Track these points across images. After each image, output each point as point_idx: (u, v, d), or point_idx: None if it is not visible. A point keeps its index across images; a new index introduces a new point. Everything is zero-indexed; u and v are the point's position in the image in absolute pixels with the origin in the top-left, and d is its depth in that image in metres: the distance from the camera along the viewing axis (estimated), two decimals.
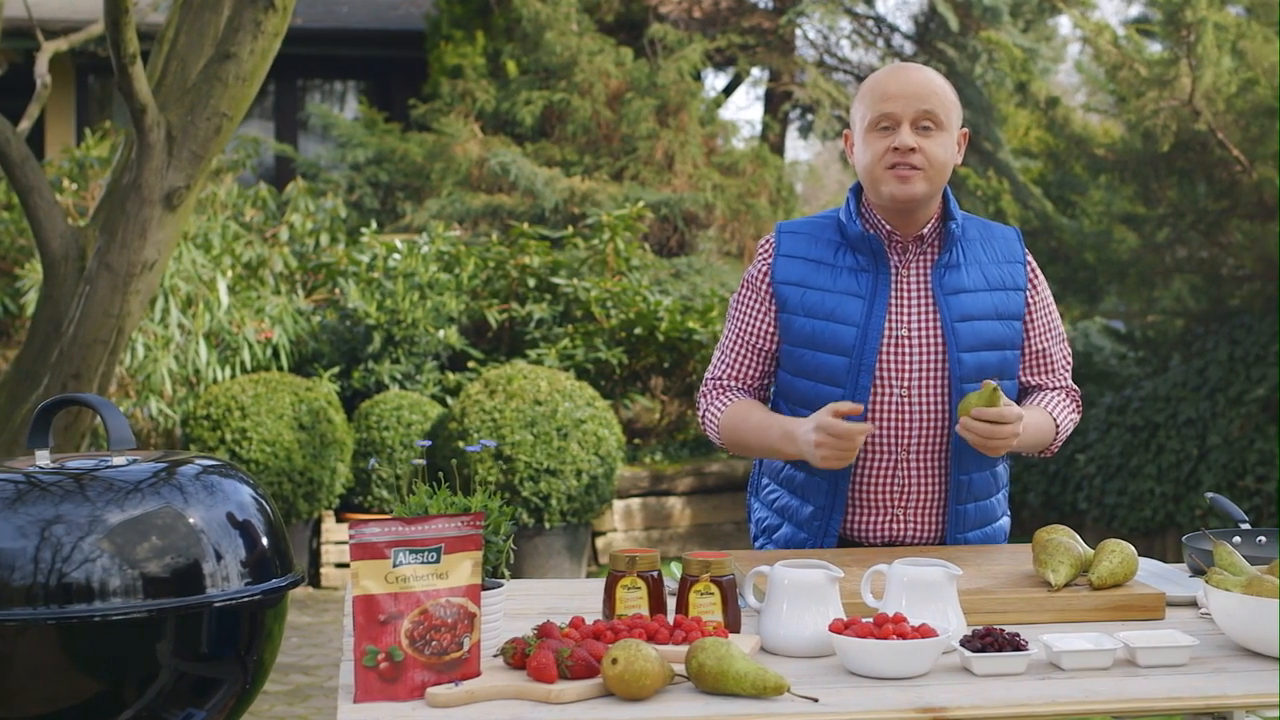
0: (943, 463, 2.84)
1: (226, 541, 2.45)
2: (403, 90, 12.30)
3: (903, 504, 2.86)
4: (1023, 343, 2.93)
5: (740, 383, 2.94)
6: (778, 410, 2.92)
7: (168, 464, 2.52)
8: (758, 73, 12.84)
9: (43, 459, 2.52)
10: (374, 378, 8.15)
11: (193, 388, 7.88)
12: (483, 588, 2.14)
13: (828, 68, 12.22)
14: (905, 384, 2.82)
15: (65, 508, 2.35)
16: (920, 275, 2.85)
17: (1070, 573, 2.45)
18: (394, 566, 2.03)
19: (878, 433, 2.82)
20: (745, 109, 34.72)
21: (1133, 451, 8.05)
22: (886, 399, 2.81)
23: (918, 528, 2.87)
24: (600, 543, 8.17)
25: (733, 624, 2.31)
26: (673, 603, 2.43)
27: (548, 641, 2.07)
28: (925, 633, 2.11)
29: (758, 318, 2.91)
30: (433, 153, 10.31)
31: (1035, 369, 2.98)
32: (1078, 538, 2.54)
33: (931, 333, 2.82)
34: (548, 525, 7.49)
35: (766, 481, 3.02)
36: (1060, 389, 3.00)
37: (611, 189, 9.82)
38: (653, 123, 10.22)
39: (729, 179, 10.32)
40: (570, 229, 9.16)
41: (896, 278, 2.85)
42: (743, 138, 11.75)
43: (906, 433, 2.82)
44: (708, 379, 2.99)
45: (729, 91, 13.09)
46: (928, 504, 2.86)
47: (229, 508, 2.49)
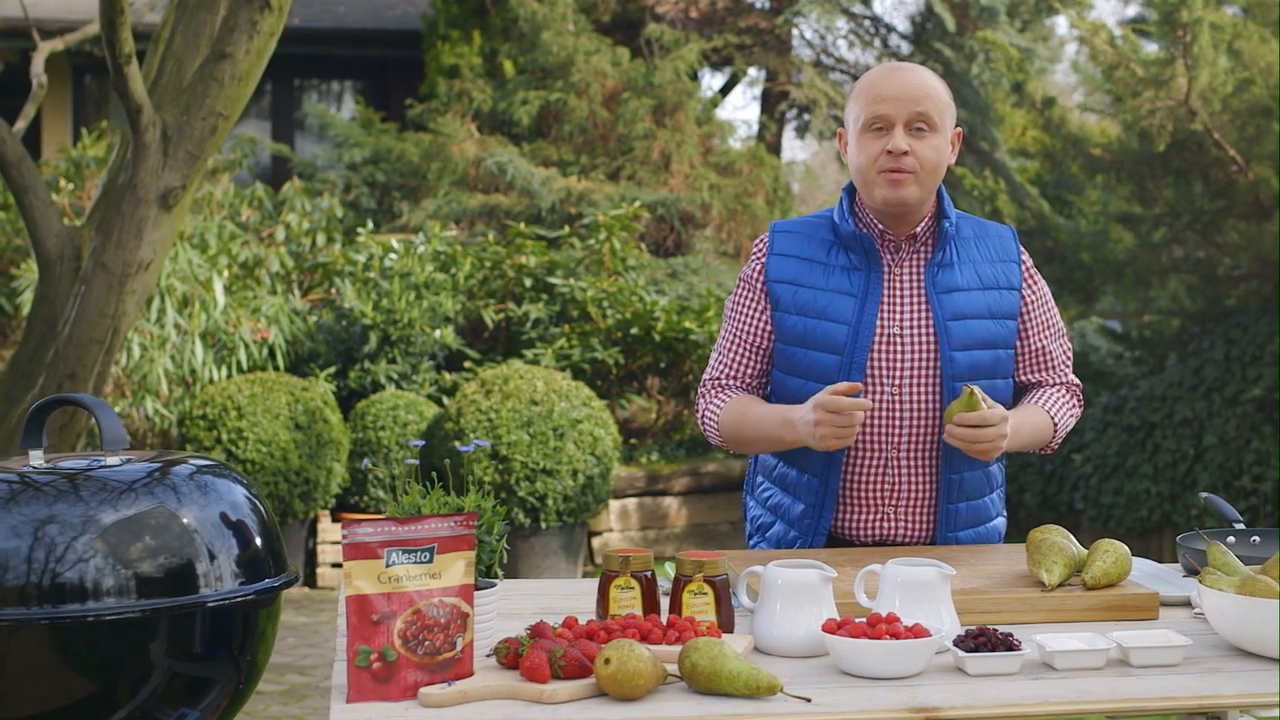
0: (934, 462, 2.84)
1: (220, 541, 2.45)
2: (399, 90, 12.29)
3: (893, 503, 2.86)
4: (1019, 341, 2.93)
5: (738, 382, 2.94)
6: None
7: (161, 464, 2.52)
8: (754, 73, 12.84)
9: (37, 459, 2.52)
10: (370, 378, 8.14)
11: (189, 388, 7.87)
12: (476, 587, 2.14)
13: (824, 67, 12.21)
14: (896, 382, 2.82)
15: (59, 508, 2.35)
16: (913, 274, 2.85)
17: (1064, 573, 2.45)
18: (387, 566, 2.04)
19: (868, 431, 2.82)
20: (742, 109, 34.77)
21: (1129, 451, 8.06)
22: (878, 397, 2.82)
23: (908, 527, 2.88)
24: (596, 543, 8.16)
25: (726, 624, 2.31)
26: (666, 603, 2.44)
27: (541, 641, 2.07)
28: (918, 633, 2.11)
29: (753, 316, 2.91)
30: (429, 153, 10.30)
31: (1034, 366, 2.98)
32: (1072, 538, 2.54)
33: (923, 331, 2.82)
34: (544, 525, 7.49)
35: (761, 479, 3.02)
36: (1060, 385, 3.00)
37: (608, 189, 9.81)
38: (649, 123, 10.21)
39: (725, 179, 10.32)
40: (567, 229, 9.16)
41: (889, 276, 2.85)
42: (739, 137, 11.74)
43: (897, 431, 2.83)
44: (705, 379, 2.99)
45: (725, 91, 13.08)
46: (918, 503, 2.86)
47: (222, 508, 2.49)
